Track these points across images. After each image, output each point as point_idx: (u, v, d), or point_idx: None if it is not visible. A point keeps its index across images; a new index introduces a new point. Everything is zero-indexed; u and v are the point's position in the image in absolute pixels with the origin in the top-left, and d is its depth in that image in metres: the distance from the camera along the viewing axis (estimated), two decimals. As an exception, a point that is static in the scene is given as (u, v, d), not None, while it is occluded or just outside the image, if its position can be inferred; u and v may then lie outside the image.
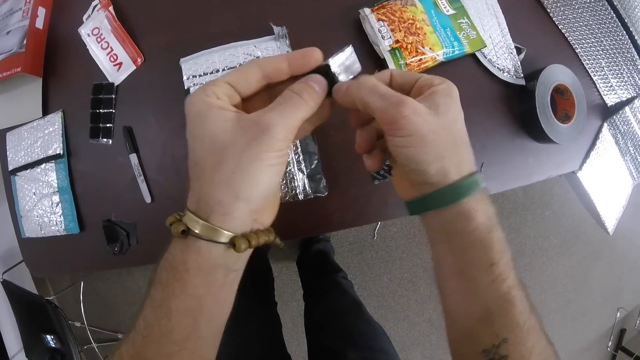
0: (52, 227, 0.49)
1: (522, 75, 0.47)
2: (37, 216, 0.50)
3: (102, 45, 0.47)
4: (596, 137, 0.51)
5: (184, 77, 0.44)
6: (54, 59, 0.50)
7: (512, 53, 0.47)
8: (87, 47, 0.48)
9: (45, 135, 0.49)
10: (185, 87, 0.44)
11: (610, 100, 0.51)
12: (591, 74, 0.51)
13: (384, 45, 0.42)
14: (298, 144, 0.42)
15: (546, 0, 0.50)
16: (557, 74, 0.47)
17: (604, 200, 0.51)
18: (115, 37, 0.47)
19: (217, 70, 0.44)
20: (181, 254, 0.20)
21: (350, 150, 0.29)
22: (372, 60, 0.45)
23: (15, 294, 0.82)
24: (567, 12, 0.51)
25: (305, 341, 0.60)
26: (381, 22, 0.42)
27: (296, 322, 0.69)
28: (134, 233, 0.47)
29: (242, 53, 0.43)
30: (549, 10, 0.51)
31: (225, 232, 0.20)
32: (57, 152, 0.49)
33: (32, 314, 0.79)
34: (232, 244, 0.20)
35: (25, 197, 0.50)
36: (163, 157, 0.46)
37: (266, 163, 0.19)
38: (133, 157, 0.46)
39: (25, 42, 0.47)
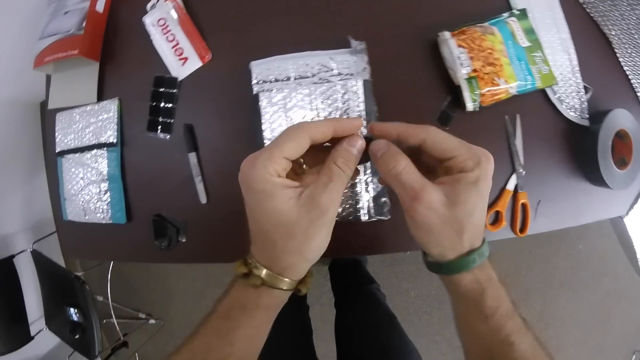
0: (98, 215, 0.49)
1: (587, 115, 0.47)
2: (83, 201, 0.49)
3: (167, 37, 0.46)
4: (646, 184, 0.51)
5: (253, 81, 0.43)
6: (113, 45, 0.49)
7: (580, 92, 0.47)
8: (151, 37, 0.46)
9: (98, 122, 0.48)
10: (254, 92, 0.43)
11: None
12: (650, 120, 0.51)
13: (461, 73, 0.42)
14: (369, 164, 0.42)
15: (615, 40, 0.50)
16: (620, 118, 0.47)
17: (645, 246, 0.52)
18: (182, 30, 0.46)
19: (289, 79, 0.43)
20: (254, 295, 0.25)
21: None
22: (444, 85, 0.45)
23: (43, 264, 0.82)
24: (634, 55, 0.51)
25: (328, 346, 0.61)
26: (461, 48, 0.42)
27: (318, 325, 0.70)
28: (184, 231, 0.47)
29: (316, 63, 0.43)
30: (616, 50, 0.50)
31: (291, 281, 0.25)
32: (111, 141, 0.48)
33: (58, 286, 0.80)
34: (297, 289, 0.26)
35: (72, 180, 0.49)
36: (223, 159, 0.45)
37: (325, 232, 0.24)
38: (192, 156, 0.45)
39: (84, 24, 0.46)
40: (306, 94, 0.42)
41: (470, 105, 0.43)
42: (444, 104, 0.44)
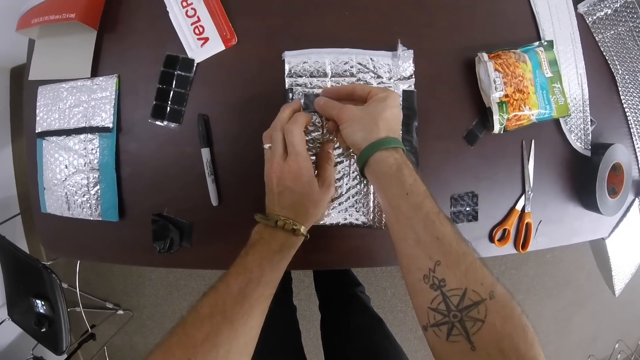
0: (84, 210, 0.42)
1: (589, 147, 0.51)
2: (66, 193, 0.42)
3: (187, 11, 0.40)
4: (627, 210, 0.57)
5: (286, 73, 0.40)
6: (116, 11, 0.42)
7: (587, 125, 0.51)
8: (167, 8, 0.40)
9: (91, 101, 0.41)
10: (287, 86, 0.40)
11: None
12: (637, 153, 0.56)
13: (494, 96, 0.42)
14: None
15: (620, 79, 0.54)
16: (618, 153, 0.51)
17: (620, 266, 0.58)
18: (205, 6, 0.40)
19: (326, 75, 0.40)
20: (291, 239, 0.34)
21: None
22: (474, 105, 0.45)
23: (7, 250, 0.71)
24: (634, 95, 0.55)
25: (315, 348, 0.60)
26: (497, 72, 0.42)
27: (302, 325, 0.69)
28: (189, 234, 0.42)
29: (356, 62, 0.40)
30: (620, 89, 0.54)
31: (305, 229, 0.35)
32: (106, 125, 0.41)
33: (23, 275, 0.72)
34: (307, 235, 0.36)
35: (54, 167, 0.42)
36: (241, 158, 0.41)
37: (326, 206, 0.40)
38: (205, 152, 0.40)
39: (85, -17, 0.38)
40: None
41: (497, 128, 0.43)
42: (473, 124, 0.45)
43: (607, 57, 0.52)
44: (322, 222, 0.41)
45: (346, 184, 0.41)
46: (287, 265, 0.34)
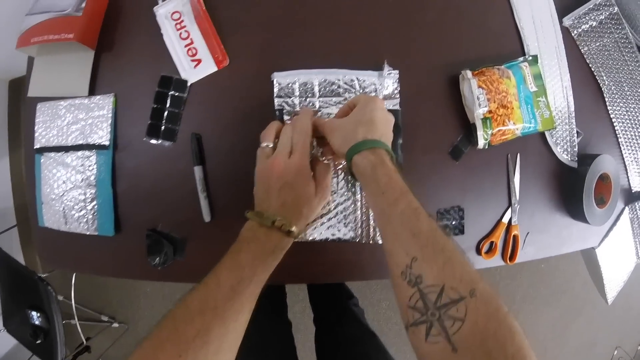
0: (81, 224, 0.43)
1: (576, 158, 0.52)
2: (64, 208, 0.43)
3: (181, 34, 0.42)
4: (617, 219, 0.57)
5: (275, 93, 0.41)
6: (113, 32, 0.43)
7: (573, 137, 0.52)
8: (162, 31, 0.42)
9: (89, 119, 0.43)
10: (276, 107, 0.41)
11: (636, 186, 0.58)
12: (626, 163, 0.57)
13: (478, 112, 0.43)
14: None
15: (606, 90, 0.55)
16: (605, 163, 0.52)
17: (611, 275, 0.59)
18: (199, 29, 0.42)
19: (314, 95, 0.41)
20: (284, 241, 0.35)
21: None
22: (458, 121, 0.46)
23: (3, 261, 0.72)
24: (621, 105, 0.56)
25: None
26: (481, 89, 0.43)
27: (296, 337, 0.70)
28: (182, 249, 0.43)
29: (342, 82, 0.41)
30: (606, 99, 0.55)
31: (298, 230, 0.35)
32: (103, 143, 0.42)
33: (19, 286, 0.72)
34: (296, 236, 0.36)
35: (52, 182, 0.43)
36: (232, 175, 0.42)
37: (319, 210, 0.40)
38: (198, 170, 0.42)
39: (83, 5, 0.40)
40: (332, 112, 0.41)
41: (481, 144, 0.45)
42: (457, 139, 0.46)
43: (593, 69, 0.53)
44: (310, 238, 0.42)
45: (334, 201, 0.42)
46: (284, 279, 0.35)
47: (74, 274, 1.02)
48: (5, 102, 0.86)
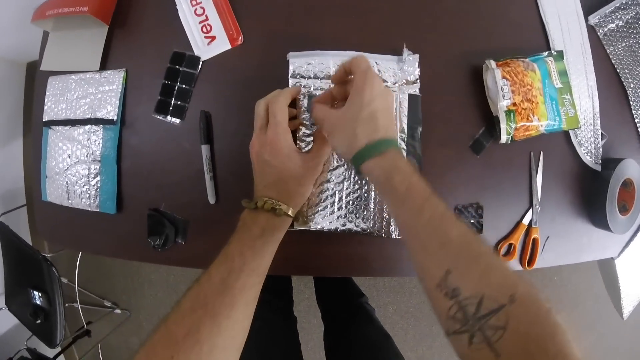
0: (83, 200, 0.42)
1: (600, 161, 0.49)
2: (67, 183, 0.42)
3: (196, 10, 0.41)
4: (638, 229, 0.54)
5: (290, 73, 0.40)
6: (127, 7, 0.42)
7: (597, 138, 0.49)
8: (177, 6, 0.41)
9: (98, 93, 0.42)
10: (290, 86, 0.39)
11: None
12: (648, 172, 0.54)
13: (502, 104, 0.41)
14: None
15: (632, 92, 0.52)
16: (629, 168, 0.49)
17: (629, 288, 0.56)
18: (214, 6, 0.41)
19: (329, 76, 0.39)
20: (274, 221, 0.33)
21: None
22: (481, 113, 0.44)
23: (9, 240, 0.73)
24: (645, 109, 0.54)
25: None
26: (505, 80, 0.41)
27: (301, 335, 0.68)
28: (184, 231, 0.42)
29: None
30: (631, 102, 0.53)
31: (294, 210, 0.35)
32: (110, 117, 0.41)
33: (23, 265, 0.72)
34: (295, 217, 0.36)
35: (57, 156, 0.42)
36: (240, 157, 0.41)
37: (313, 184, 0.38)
38: (205, 149, 0.40)
39: (99, -22, 0.39)
40: None
41: (504, 138, 0.42)
42: (479, 132, 0.44)
43: (618, 70, 0.50)
44: (319, 227, 0.40)
45: (346, 188, 0.40)
46: (288, 270, 0.33)
47: (79, 258, 1.01)
48: (22, 84, 0.87)
